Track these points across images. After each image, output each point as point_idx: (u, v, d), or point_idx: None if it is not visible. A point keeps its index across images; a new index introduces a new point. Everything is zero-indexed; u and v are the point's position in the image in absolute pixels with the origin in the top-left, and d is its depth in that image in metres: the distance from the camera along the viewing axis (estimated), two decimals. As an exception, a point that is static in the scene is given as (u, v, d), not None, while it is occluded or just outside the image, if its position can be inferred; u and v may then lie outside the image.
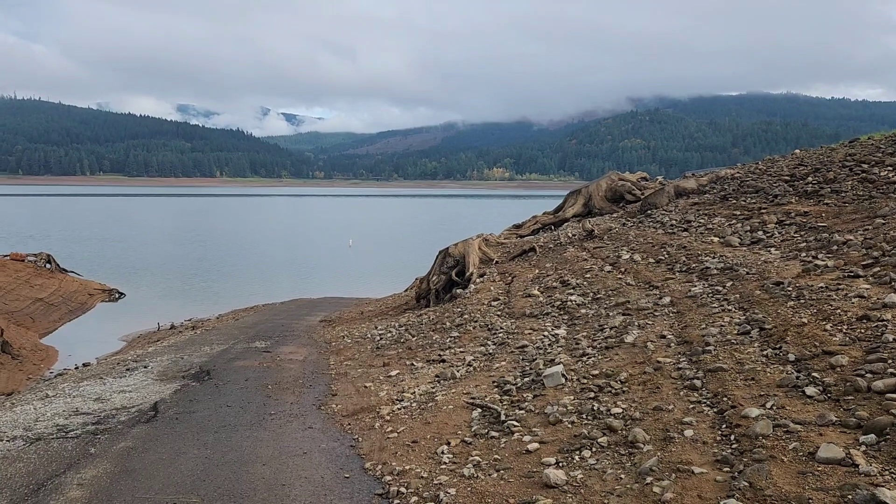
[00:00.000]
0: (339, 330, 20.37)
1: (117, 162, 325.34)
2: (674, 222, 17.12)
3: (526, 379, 8.47)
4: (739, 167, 22.05)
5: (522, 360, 9.78)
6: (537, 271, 18.30)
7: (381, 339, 16.14)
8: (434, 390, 9.24)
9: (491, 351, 11.21)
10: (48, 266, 37.77)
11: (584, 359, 8.66)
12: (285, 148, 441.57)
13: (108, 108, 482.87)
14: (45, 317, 32.29)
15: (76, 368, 22.70)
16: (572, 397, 7.32)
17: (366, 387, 10.59)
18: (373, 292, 33.67)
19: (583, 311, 11.99)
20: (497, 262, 21.75)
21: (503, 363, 9.85)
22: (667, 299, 10.51)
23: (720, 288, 10.01)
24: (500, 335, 12.24)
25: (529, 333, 11.58)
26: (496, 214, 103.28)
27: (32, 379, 23.42)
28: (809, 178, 15.59)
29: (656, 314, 9.84)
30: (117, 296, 37.70)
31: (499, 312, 14.54)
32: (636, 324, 9.47)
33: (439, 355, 12.01)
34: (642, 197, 23.78)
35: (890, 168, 14.15)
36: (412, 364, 11.92)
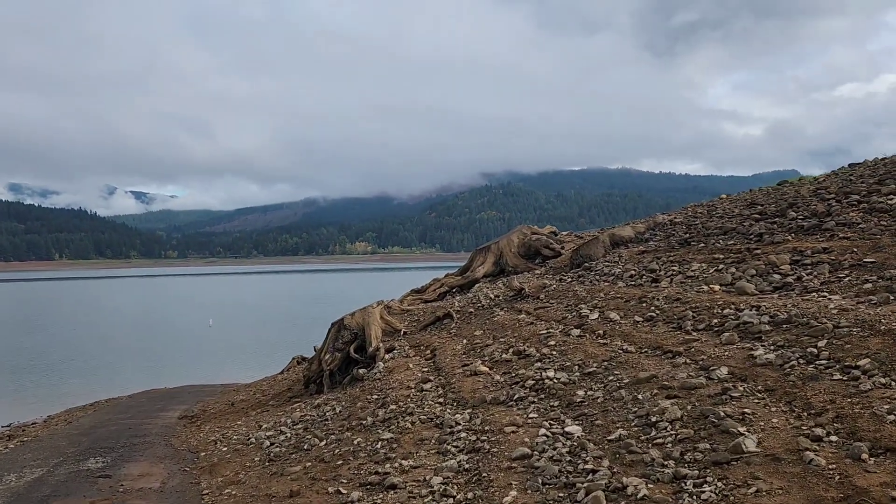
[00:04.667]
0: (207, 431, 15.65)
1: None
2: (632, 273, 14.13)
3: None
4: (674, 212, 19.86)
5: (545, 485, 5.93)
6: (465, 341, 14.68)
7: (272, 444, 11.77)
8: (419, 564, 5.17)
9: (466, 466, 7.30)
10: None
11: (684, 484, 4.97)
12: (134, 227, 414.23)
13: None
14: None
15: None
16: None
17: (276, 548, 6.30)
18: (241, 377, 28.90)
19: (580, 392, 8.41)
20: (405, 334, 17.93)
21: (514, 493, 5.93)
22: (723, 370, 7.15)
23: (812, 350, 6.79)
24: (463, 436, 8.36)
25: (513, 432, 7.82)
26: (365, 287, 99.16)
27: None
28: (792, 214, 13.17)
29: (734, 395, 6.42)
30: None
31: (440, 399, 10.67)
32: (721, 413, 5.97)
33: (378, 473, 7.92)
34: (562, 251, 21.00)
35: (891, 195, 11.95)
36: (338, 492, 7.74)
